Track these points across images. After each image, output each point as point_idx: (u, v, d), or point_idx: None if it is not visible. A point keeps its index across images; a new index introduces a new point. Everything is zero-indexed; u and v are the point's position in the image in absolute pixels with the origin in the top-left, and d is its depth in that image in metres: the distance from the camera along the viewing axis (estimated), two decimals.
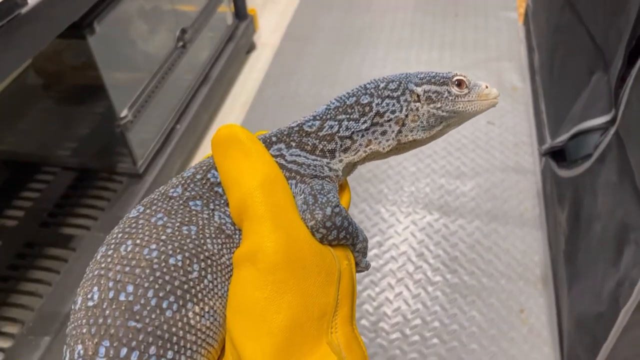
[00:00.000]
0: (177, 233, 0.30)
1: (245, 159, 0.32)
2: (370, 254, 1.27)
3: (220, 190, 0.33)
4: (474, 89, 0.38)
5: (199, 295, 0.30)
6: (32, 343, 0.99)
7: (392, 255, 1.27)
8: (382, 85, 0.38)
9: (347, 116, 0.37)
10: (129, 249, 0.30)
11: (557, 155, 1.23)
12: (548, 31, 1.47)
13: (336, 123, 0.36)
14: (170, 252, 0.30)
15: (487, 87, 0.39)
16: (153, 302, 0.28)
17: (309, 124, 0.36)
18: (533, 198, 1.37)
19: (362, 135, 0.37)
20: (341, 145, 0.36)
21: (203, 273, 0.30)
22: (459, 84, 0.38)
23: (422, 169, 1.46)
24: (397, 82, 0.38)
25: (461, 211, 1.35)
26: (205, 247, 0.31)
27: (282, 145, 0.35)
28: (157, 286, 0.29)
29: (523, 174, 1.43)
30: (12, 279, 1.11)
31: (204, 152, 1.60)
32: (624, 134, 0.87)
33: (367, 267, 0.36)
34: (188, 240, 0.30)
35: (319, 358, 0.28)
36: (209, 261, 0.31)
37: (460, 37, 1.94)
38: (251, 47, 1.95)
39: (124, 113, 1.23)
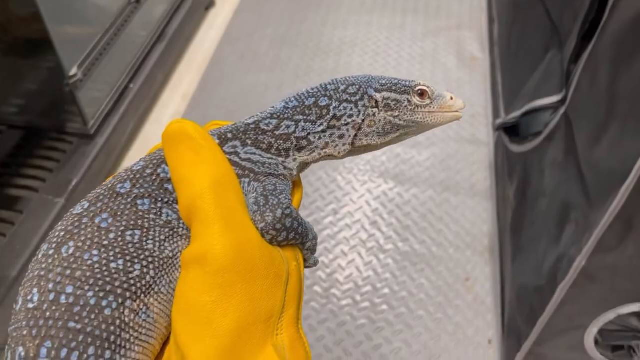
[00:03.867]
0: (119, 239, 0.30)
1: (196, 157, 0.31)
2: (325, 221, 1.29)
3: (170, 187, 0.33)
4: (437, 100, 0.38)
5: (138, 292, 0.30)
6: None
7: (346, 223, 1.29)
8: (342, 87, 0.37)
9: (305, 117, 0.36)
10: (70, 251, 0.30)
11: (510, 130, 1.26)
12: (508, 3, 1.47)
13: (293, 123, 0.36)
14: (112, 257, 0.29)
15: (452, 98, 0.38)
16: (92, 302, 0.29)
17: (266, 122, 0.36)
18: (485, 170, 1.40)
19: (319, 138, 0.37)
20: (296, 145, 0.36)
21: (145, 271, 0.30)
22: (421, 93, 0.37)
23: None
24: (357, 86, 0.37)
25: (415, 180, 1.37)
26: (148, 250, 0.30)
27: (238, 143, 0.35)
28: (97, 288, 0.29)
29: (477, 146, 1.46)
30: None
31: (158, 113, 1.56)
32: (572, 115, 0.89)
33: (315, 264, 0.37)
34: (130, 246, 0.30)
35: (264, 358, 0.28)
36: (150, 259, 0.31)
37: (423, 3, 1.92)
38: (210, 4, 1.88)
39: (73, 71, 1.18)
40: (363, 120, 0.37)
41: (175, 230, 0.32)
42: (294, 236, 0.32)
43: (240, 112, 1.52)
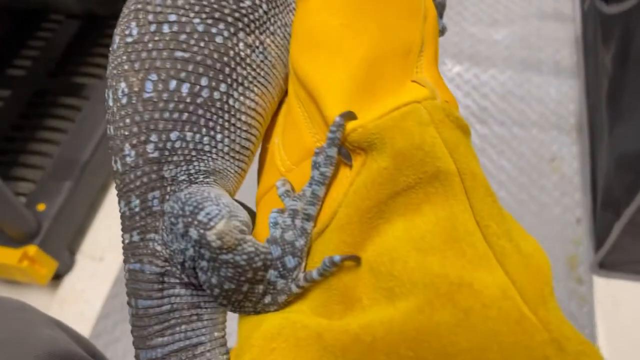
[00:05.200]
0: None
1: None
2: None
3: None
4: None
5: (251, 26, 0.26)
6: (54, 188, 0.97)
7: None
8: None
9: None
10: None
11: None
12: None
13: None
14: None
15: None
16: (200, 29, 0.25)
17: None
18: (571, 46, 1.27)
19: None
20: None
21: (257, 2, 0.26)
22: None
23: (451, 17, 1.35)
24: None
25: (493, 60, 1.27)
26: None
27: None
28: (204, 15, 0.25)
29: (561, 21, 1.32)
30: (26, 127, 1.07)
31: None
32: None
33: (443, 31, 0.31)
34: None
35: (406, 91, 0.23)
36: None
37: None
38: None
39: None
40: None
41: None
42: None
43: None
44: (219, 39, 0.25)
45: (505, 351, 0.17)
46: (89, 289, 0.99)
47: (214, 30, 0.25)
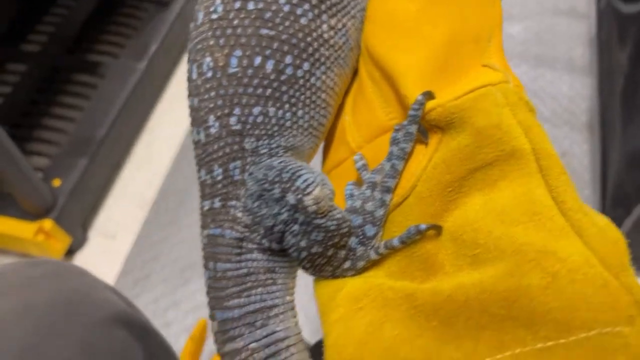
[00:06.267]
0: None
1: None
2: None
3: None
4: None
5: (333, 9, 0.27)
6: (70, 164, 0.98)
7: None
8: None
9: None
10: None
11: None
12: None
13: None
14: None
15: None
16: (286, 9, 0.26)
17: None
18: (585, 44, 1.28)
19: None
20: None
21: None
22: None
23: None
24: None
25: (507, 54, 1.27)
26: None
27: None
28: None
29: (576, 19, 1.32)
30: (42, 103, 1.07)
31: None
32: None
33: None
34: None
35: (480, 74, 0.24)
36: None
37: None
38: None
39: None
40: None
41: None
42: None
43: None
44: (303, 20, 0.26)
45: (593, 311, 0.18)
46: (101, 265, 1.00)
47: (299, 10, 0.26)
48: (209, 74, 0.26)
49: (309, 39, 0.26)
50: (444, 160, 0.23)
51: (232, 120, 0.26)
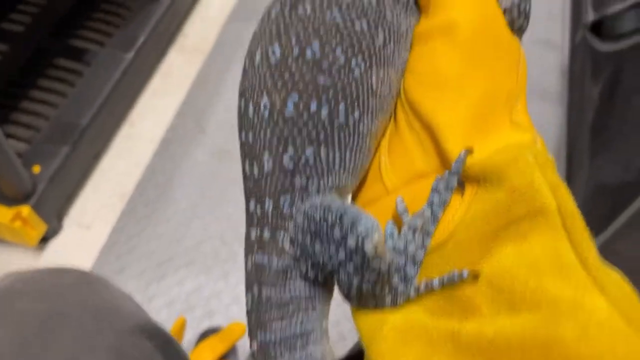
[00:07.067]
0: (356, 1, 0.28)
1: None
2: None
3: None
4: None
5: (382, 60, 0.29)
6: (51, 151, 0.96)
7: None
8: None
9: None
10: (307, 12, 0.28)
11: (597, 28, 1.19)
12: None
13: None
14: (354, 17, 0.28)
15: None
16: (342, 60, 0.27)
17: None
18: (558, 74, 1.35)
19: None
20: None
21: (387, 41, 0.29)
22: None
23: None
24: None
25: None
26: (387, 19, 0.29)
27: None
28: (345, 46, 0.28)
29: (550, 49, 1.39)
30: (23, 85, 1.05)
31: None
32: None
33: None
34: (369, 10, 0.28)
35: (511, 132, 0.27)
36: (390, 28, 0.29)
37: None
38: None
39: None
40: None
41: (409, 4, 0.30)
42: (527, 22, 0.31)
43: None
44: (357, 72, 0.27)
45: (620, 357, 0.21)
46: (74, 256, 0.99)
47: (353, 63, 0.27)
48: (266, 114, 0.27)
49: (360, 89, 0.28)
50: (483, 211, 0.26)
51: (286, 158, 0.27)
